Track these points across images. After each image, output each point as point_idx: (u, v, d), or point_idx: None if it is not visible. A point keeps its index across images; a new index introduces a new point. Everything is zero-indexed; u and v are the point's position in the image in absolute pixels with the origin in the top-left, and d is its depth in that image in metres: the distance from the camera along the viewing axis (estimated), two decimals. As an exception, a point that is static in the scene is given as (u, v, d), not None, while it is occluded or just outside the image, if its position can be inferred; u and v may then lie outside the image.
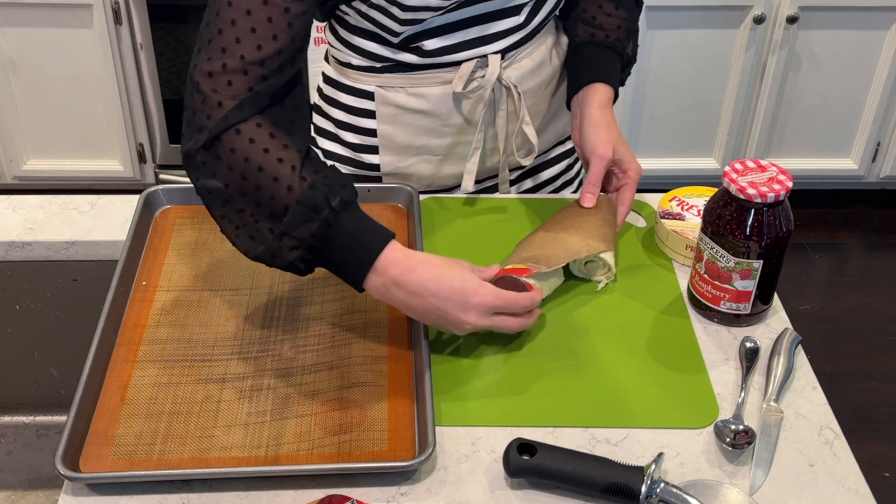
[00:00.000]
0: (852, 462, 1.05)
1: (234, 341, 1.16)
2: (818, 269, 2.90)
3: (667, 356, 1.16)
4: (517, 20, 1.29)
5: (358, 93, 1.34)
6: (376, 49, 1.28)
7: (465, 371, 1.13)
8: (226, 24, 1.03)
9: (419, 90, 1.30)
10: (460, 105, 1.32)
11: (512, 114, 1.35)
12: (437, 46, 1.26)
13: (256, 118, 1.04)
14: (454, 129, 1.34)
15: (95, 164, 2.88)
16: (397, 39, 1.25)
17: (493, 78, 1.29)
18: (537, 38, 1.34)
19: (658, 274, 1.29)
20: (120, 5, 2.57)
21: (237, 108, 1.03)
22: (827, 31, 2.72)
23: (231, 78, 1.03)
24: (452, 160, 1.38)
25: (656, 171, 2.91)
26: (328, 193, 1.02)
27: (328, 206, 1.02)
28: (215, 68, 1.03)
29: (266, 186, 1.02)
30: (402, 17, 1.20)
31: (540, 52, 1.35)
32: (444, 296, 1.04)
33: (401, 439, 1.04)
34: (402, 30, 1.23)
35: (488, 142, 1.37)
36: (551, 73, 1.39)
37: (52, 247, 1.34)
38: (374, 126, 1.35)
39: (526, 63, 1.33)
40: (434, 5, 1.19)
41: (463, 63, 1.28)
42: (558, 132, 1.47)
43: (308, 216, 1.02)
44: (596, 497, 0.99)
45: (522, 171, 1.46)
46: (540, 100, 1.39)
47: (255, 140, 1.03)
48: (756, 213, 1.12)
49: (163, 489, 1.00)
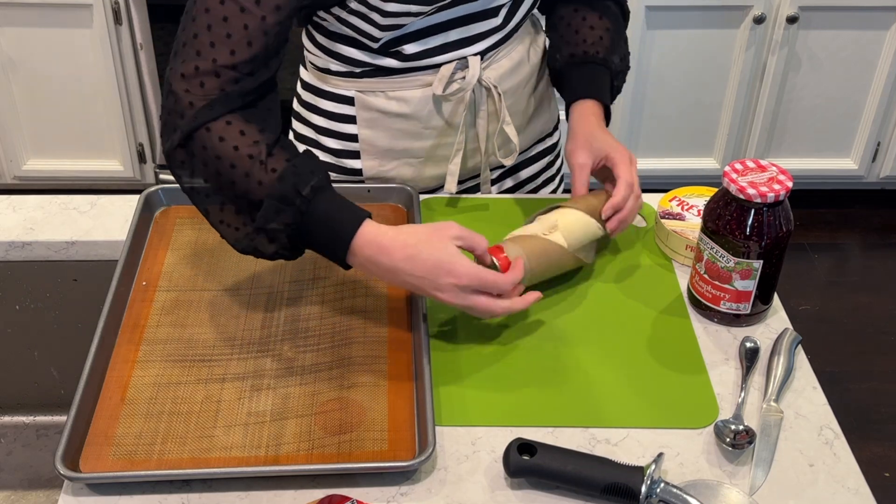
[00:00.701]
0: (852, 462, 1.05)
1: (234, 341, 1.16)
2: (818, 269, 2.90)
3: (667, 356, 1.16)
4: (495, 22, 1.29)
5: (338, 98, 1.34)
6: (355, 54, 1.28)
7: (466, 371, 1.13)
8: (201, 29, 1.06)
9: (399, 94, 1.30)
10: (441, 107, 1.32)
11: (492, 114, 1.35)
12: (417, 50, 1.26)
13: (227, 116, 1.07)
14: (435, 131, 1.34)
15: (95, 164, 2.88)
16: (377, 45, 1.25)
17: (474, 80, 1.29)
18: (514, 37, 1.35)
19: (658, 274, 1.29)
20: (120, 5, 2.57)
21: (207, 107, 1.06)
22: (827, 31, 2.71)
23: (203, 79, 1.06)
24: (434, 162, 1.38)
25: (656, 171, 2.91)
26: (297, 182, 1.04)
27: (298, 195, 1.04)
28: (188, 70, 1.06)
29: (239, 182, 1.05)
30: (382, 23, 1.20)
31: (518, 52, 1.35)
32: (417, 275, 1.05)
33: (401, 439, 1.04)
34: (381, 35, 1.23)
35: (469, 143, 1.37)
36: (529, 72, 1.39)
37: (52, 247, 1.34)
38: (356, 131, 1.35)
39: (504, 63, 1.33)
40: (415, 11, 1.19)
41: (443, 66, 1.28)
42: (538, 131, 1.47)
43: (279, 208, 1.04)
44: (596, 497, 0.99)
45: (503, 170, 1.46)
46: (519, 99, 1.39)
47: (225, 138, 1.06)
48: (756, 213, 1.12)
49: (163, 489, 1.00)
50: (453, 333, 1.18)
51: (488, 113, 1.35)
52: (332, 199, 1.07)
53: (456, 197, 1.41)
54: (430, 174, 1.39)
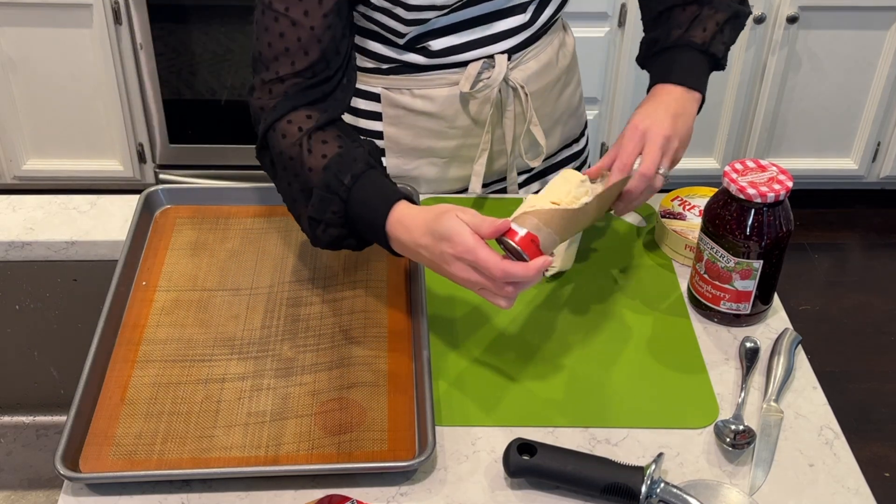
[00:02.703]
0: (852, 462, 1.05)
1: (234, 341, 1.16)
2: (818, 269, 2.90)
3: (667, 356, 1.16)
4: (523, 18, 1.29)
5: (365, 95, 1.34)
6: (382, 50, 1.28)
7: (465, 371, 1.13)
8: (264, 46, 1.16)
9: (426, 92, 1.30)
10: (467, 106, 1.32)
11: (519, 115, 1.35)
12: (444, 47, 1.26)
13: (289, 115, 1.14)
14: (460, 131, 1.34)
15: (95, 164, 2.87)
16: (403, 40, 1.25)
17: (500, 78, 1.28)
18: (543, 39, 1.34)
19: (658, 274, 1.29)
20: (120, 5, 2.57)
21: (272, 109, 1.15)
22: (827, 31, 2.71)
23: (271, 87, 1.16)
24: (458, 163, 1.38)
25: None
26: (339, 172, 1.09)
27: (341, 184, 1.09)
28: (257, 83, 1.17)
29: (300, 174, 1.13)
30: (406, 18, 1.20)
31: (546, 54, 1.35)
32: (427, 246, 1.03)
33: (401, 439, 1.04)
34: (406, 30, 1.23)
35: (495, 144, 1.37)
36: (557, 75, 1.38)
37: (52, 247, 1.34)
38: (381, 128, 1.35)
39: (532, 65, 1.33)
40: (439, 4, 1.19)
41: (470, 63, 1.28)
42: (566, 135, 1.47)
43: (326, 198, 1.10)
44: (596, 497, 0.99)
45: (530, 174, 1.46)
46: (546, 101, 1.38)
47: (286, 134, 1.14)
48: (756, 213, 1.12)
49: (163, 489, 1.00)
50: (453, 333, 1.18)
51: (515, 113, 1.34)
52: (368, 186, 1.09)
53: (482, 197, 1.40)
54: (454, 175, 1.39)
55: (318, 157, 1.11)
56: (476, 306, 1.22)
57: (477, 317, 1.21)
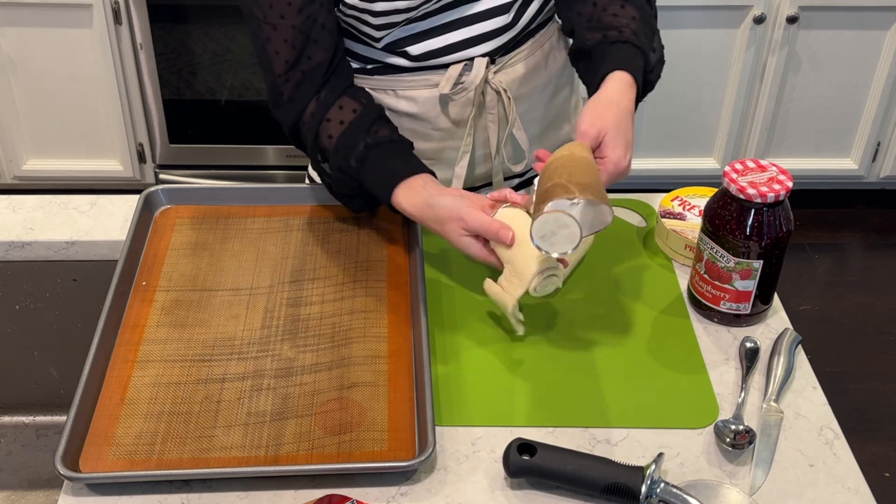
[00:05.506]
0: (852, 462, 1.05)
1: (234, 341, 1.16)
2: (818, 269, 2.90)
3: (667, 356, 1.16)
4: (505, 19, 1.28)
5: None
6: (364, 51, 1.29)
7: (465, 371, 1.13)
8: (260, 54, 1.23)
9: (409, 93, 1.30)
10: (448, 108, 1.32)
11: (502, 118, 1.34)
12: (423, 51, 1.26)
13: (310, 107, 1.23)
14: (442, 132, 1.34)
15: (95, 164, 2.87)
16: (380, 45, 1.26)
17: (478, 80, 1.28)
18: (532, 42, 1.33)
19: (658, 274, 1.29)
20: (120, 5, 2.57)
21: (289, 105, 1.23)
22: (827, 31, 2.71)
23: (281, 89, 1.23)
24: (441, 165, 1.37)
25: (656, 171, 2.91)
26: (347, 154, 1.21)
27: (350, 166, 1.21)
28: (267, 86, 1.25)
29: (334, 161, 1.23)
30: (375, 23, 1.21)
31: (534, 58, 1.34)
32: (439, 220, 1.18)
33: (401, 439, 1.04)
34: (380, 35, 1.24)
35: (479, 148, 1.36)
36: (547, 79, 1.37)
37: (52, 247, 1.34)
38: None
39: (519, 68, 1.32)
40: (402, 8, 1.19)
41: (451, 66, 1.28)
42: (560, 140, 1.45)
43: (340, 178, 1.24)
44: (596, 497, 0.99)
45: (518, 181, 1.45)
46: (534, 105, 1.37)
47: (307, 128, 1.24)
48: (756, 213, 1.12)
49: (163, 489, 1.00)
50: (453, 333, 1.18)
51: (498, 117, 1.33)
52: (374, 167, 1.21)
53: None
54: (439, 177, 1.38)
55: (326, 139, 1.23)
56: (476, 306, 1.22)
57: (477, 317, 1.21)
